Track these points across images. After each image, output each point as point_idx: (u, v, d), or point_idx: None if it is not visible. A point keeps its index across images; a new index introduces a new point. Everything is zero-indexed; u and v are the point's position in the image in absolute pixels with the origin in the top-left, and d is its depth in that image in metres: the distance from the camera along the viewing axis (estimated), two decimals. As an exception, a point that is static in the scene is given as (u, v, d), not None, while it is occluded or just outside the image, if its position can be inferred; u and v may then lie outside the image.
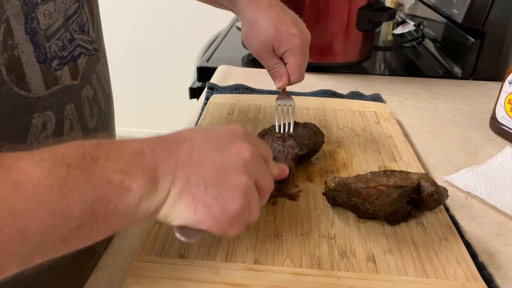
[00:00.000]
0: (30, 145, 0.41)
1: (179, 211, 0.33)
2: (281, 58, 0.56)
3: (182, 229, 0.34)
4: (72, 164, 0.28)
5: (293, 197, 0.51)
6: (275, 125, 0.59)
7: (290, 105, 0.60)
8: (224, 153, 0.35)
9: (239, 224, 0.35)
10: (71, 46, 0.45)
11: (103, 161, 0.30)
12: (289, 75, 0.56)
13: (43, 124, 0.43)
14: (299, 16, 0.59)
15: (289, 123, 0.59)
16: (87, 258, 0.51)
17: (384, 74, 1.00)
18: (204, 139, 0.36)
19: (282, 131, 0.58)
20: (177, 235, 0.34)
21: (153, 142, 0.34)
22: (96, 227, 0.30)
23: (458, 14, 0.92)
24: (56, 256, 0.29)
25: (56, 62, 0.43)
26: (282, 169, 0.43)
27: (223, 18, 1.31)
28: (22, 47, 0.39)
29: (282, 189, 0.51)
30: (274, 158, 0.51)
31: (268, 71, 0.58)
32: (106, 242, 0.47)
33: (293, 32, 0.54)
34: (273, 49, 0.56)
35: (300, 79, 0.57)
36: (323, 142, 0.59)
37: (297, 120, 0.61)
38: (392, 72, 1.04)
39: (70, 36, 0.45)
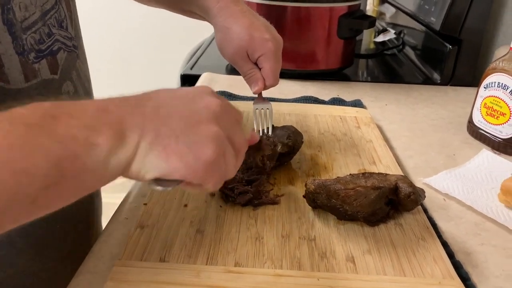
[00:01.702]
0: None
1: (151, 162, 0.32)
2: (256, 64, 0.57)
3: (157, 181, 0.33)
4: (32, 124, 0.28)
5: (274, 201, 0.52)
6: (254, 130, 0.60)
7: (268, 109, 0.60)
8: (192, 106, 0.35)
9: (215, 174, 0.35)
10: (49, 41, 0.46)
11: (65, 118, 0.29)
12: (264, 79, 0.57)
13: None
14: (282, 25, 0.60)
15: (268, 127, 0.60)
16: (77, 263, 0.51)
17: (365, 81, 1.02)
18: (170, 95, 0.36)
19: (261, 134, 0.59)
20: (153, 186, 0.33)
21: (117, 99, 0.33)
22: (65, 186, 0.29)
23: (436, 22, 0.94)
24: (30, 219, 0.28)
25: (33, 55, 0.43)
26: (252, 135, 0.43)
27: (207, 26, 1.32)
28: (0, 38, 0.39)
29: (262, 196, 0.51)
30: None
31: (244, 77, 0.59)
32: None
33: (266, 37, 0.55)
34: (248, 55, 0.56)
35: (275, 83, 0.58)
36: (302, 141, 0.60)
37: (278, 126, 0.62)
38: (374, 78, 1.06)
39: (48, 31, 0.46)
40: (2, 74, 0.40)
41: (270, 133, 0.59)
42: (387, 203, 0.48)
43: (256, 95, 0.62)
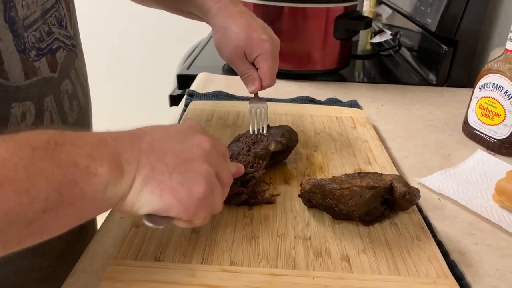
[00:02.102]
0: None
1: (146, 198, 0.34)
2: (253, 64, 0.58)
3: (150, 217, 0.35)
4: (37, 147, 0.29)
5: (270, 201, 0.52)
6: (250, 129, 0.60)
7: (263, 108, 0.61)
8: (185, 144, 0.37)
9: (205, 210, 0.36)
10: (49, 39, 0.46)
11: (68, 146, 0.30)
12: (261, 79, 0.58)
13: (22, 114, 0.43)
14: (279, 26, 0.61)
15: (263, 126, 0.60)
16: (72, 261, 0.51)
17: (362, 82, 1.02)
18: (164, 132, 0.37)
19: (256, 133, 0.59)
20: (146, 222, 0.34)
21: (114, 133, 0.35)
22: (62, 212, 0.29)
23: (432, 23, 0.94)
24: (17, 248, 0.29)
25: (34, 52, 0.44)
26: (238, 167, 0.45)
27: (204, 27, 1.32)
28: (0, 35, 0.39)
29: (258, 196, 0.51)
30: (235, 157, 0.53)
31: (241, 77, 0.60)
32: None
33: (264, 38, 0.56)
34: (245, 55, 0.57)
35: (272, 83, 0.58)
36: (297, 140, 0.60)
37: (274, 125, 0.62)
38: (370, 79, 1.06)
39: (48, 29, 0.46)
40: (1, 71, 0.40)
41: (265, 132, 0.59)
42: (382, 203, 0.48)
43: (253, 95, 0.62)
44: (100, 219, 0.53)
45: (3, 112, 0.41)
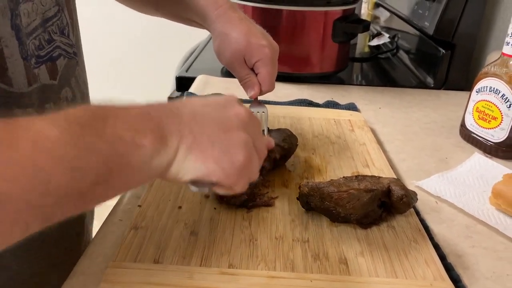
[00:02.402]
0: None
1: (190, 165, 0.35)
2: (252, 69, 0.59)
3: (194, 183, 0.36)
4: (85, 124, 0.30)
5: (268, 204, 0.52)
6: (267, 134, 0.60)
7: (263, 112, 0.61)
8: (224, 114, 0.38)
9: (245, 178, 0.37)
10: (49, 47, 0.47)
11: (112, 120, 0.31)
12: (260, 84, 0.58)
13: None
14: (277, 29, 0.61)
15: (263, 130, 0.60)
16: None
17: (360, 84, 1.02)
18: (203, 103, 0.38)
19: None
20: (191, 187, 0.36)
21: (155, 105, 0.36)
22: (112, 183, 0.31)
23: (429, 26, 0.95)
24: (75, 213, 0.30)
25: (34, 60, 0.44)
26: (269, 140, 0.45)
27: (203, 30, 1.33)
28: (6, 41, 0.40)
29: (257, 199, 0.51)
30: None
31: (240, 82, 0.60)
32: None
33: (263, 43, 0.57)
34: (245, 60, 0.58)
35: (271, 88, 0.59)
36: (296, 145, 0.60)
37: (273, 128, 0.63)
38: (368, 82, 1.07)
39: (49, 37, 0.47)
40: (5, 77, 0.41)
41: (265, 135, 0.59)
42: (380, 206, 0.49)
43: (252, 99, 0.62)
44: (99, 222, 0.53)
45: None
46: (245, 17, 0.60)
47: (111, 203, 0.54)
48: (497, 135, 0.68)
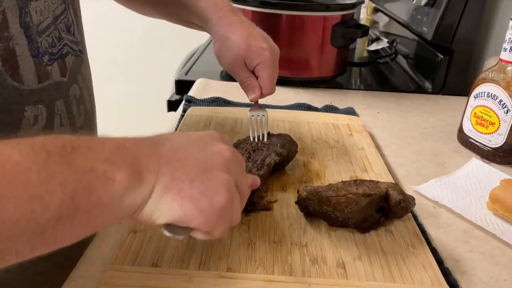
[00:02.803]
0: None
1: (165, 206, 0.33)
2: (253, 72, 0.59)
3: (169, 227, 0.34)
4: (52, 151, 0.27)
5: (267, 208, 0.52)
6: (249, 136, 0.60)
7: (263, 116, 0.61)
8: (205, 152, 0.36)
9: (225, 222, 0.35)
10: (60, 44, 0.48)
11: (84, 151, 0.29)
12: (261, 88, 0.58)
13: (35, 117, 0.44)
14: (277, 33, 0.62)
15: (263, 134, 0.60)
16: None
17: (358, 89, 1.03)
18: (185, 139, 0.37)
19: (256, 141, 0.60)
20: (165, 232, 0.33)
21: (134, 139, 0.34)
22: (76, 221, 0.28)
23: (428, 32, 0.96)
24: (29, 256, 0.28)
25: (46, 57, 0.45)
26: (254, 179, 0.44)
27: (203, 33, 1.33)
28: (16, 39, 0.40)
29: (256, 203, 0.51)
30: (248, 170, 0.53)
31: (241, 85, 0.60)
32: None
33: (264, 47, 0.57)
34: (245, 63, 0.58)
35: (272, 91, 0.59)
36: (296, 151, 0.61)
37: (273, 132, 0.63)
38: (366, 86, 1.07)
39: (58, 35, 0.48)
40: (17, 75, 0.41)
41: (265, 139, 0.60)
42: (378, 210, 0.49)
43: (253, 103, 0.62)
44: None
45: (17, 115, 0.42)
46: (246, 20, 0.60)
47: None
48: (494, 141, 0.69)
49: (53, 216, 0.27)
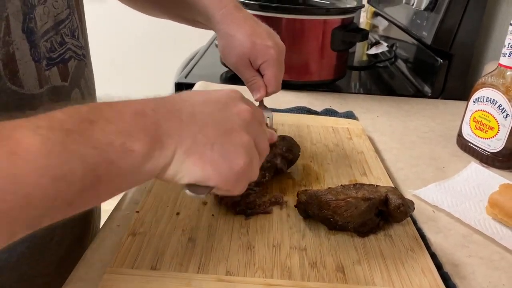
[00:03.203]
0: None
1: (187, 169, 0.34)
2: (258, 70, 0.58)
3: (190, 186, 0.35)
4: (70, 129, 0.28)
5: (266, 211, 0.52)
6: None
7: (268, 117, 0.61)
8: (225, 113, 0.36)
9: (244, 181, 0.37)
10: (61, 49, 0.48)
11: (102, 124, 0.30)
12: (266, 86, 0.57)
13: None
14: (275, 36, 0.61)
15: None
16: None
17: (358, 93, 1.03)
18: (204, 100, 0.37)
19: None
20: (187, 192, 0.35)
21: (153, 102, 0.34)
22: (102, 189, 0.30)
23: (427, 36, 0.96)
24: (66, 217, 0.29)
25: (45, 62, 0.45)
26: (271, 134, 0.44)
27: (203, 35, 1.33)
28: (17, 44, 0.40)
29: (256, 206, 0.51)
30: None
31: (246, 84, 0.59)
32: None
33: (268, 44, 0.55)
34: (250, 62, 0.57)
35: (277, 89, 0.58)
36: (299, 154, 0.61)
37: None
38: (366, 90, 1.07)
39: (61, 39, 0.48)
40: (16, 79, 0.41)
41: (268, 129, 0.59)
42: (377, 214, 0.49)
43: (258, 103, 0.61)
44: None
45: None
46: (251, 17, 0.58)
47: (108, 207, 0.54)
48: (493, 145, 0.69)
49: (78, 190, 0.28)
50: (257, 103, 0.61)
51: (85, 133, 0.29)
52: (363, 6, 1.02)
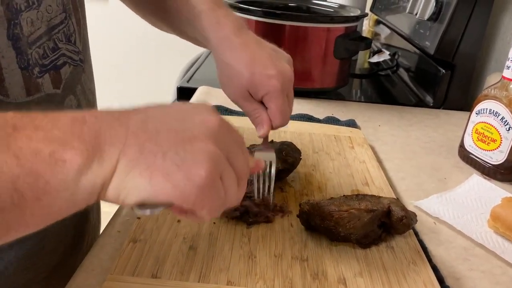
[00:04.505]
0: None
1: (133, 182, 0.28)
2: (262, 101, 0.50)
3: (143, 207, 0.29)
4: None
5: (268, 220, 0.52)
6: (252, 147, 0.58)
7: (270, 161, 0.52)
8: (186, 122, 0.31)
9: (211, 200, 0.30)
10: (54, 55, 0.46)
11: (29, 130, 0.26)
12: (271, 120, 0.49)
13: None
14: (280, 43, 0.55)
15: (269, 186, 0.52)
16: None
17: (359, 101, 1.03)
18: (162, 109, 0.32)
19: (260, 196, 0.52)
20: (136, 211, 0.29)
21: (99, 111, 0.29)
22: (28, 210, 0.25)
23: (430, 46, 0.96)
24: None
25: (37, 69, 0.43)
26: (258, 162, 0.38)
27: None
28: (2, 52, 0.39)
29: (258, 215, 0.51)
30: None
31: (249, 118, 0.52)
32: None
33: (270, 74, 0.48)
34: (250, 94, 0.50)
35: (284, 123, 0.50)
36: (300, 158, 0.60)
37: (275, 141, 0.62)
38: (368, 99, 1.07)
39: (53, 45, 0.46)
40: (2, 88, 0.39)
41: (271, 192, 0.52)
42: (380, 226, 0.49)
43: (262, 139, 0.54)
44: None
45: None
46: (252, 40, 0.51)
47: (109, 209, 0.54)
48: (496, 157, 0.69)
49: None
50: (261, 140, 0.54)
51: (7, 139, 0.24)
52: (366, 14, 1.02)
